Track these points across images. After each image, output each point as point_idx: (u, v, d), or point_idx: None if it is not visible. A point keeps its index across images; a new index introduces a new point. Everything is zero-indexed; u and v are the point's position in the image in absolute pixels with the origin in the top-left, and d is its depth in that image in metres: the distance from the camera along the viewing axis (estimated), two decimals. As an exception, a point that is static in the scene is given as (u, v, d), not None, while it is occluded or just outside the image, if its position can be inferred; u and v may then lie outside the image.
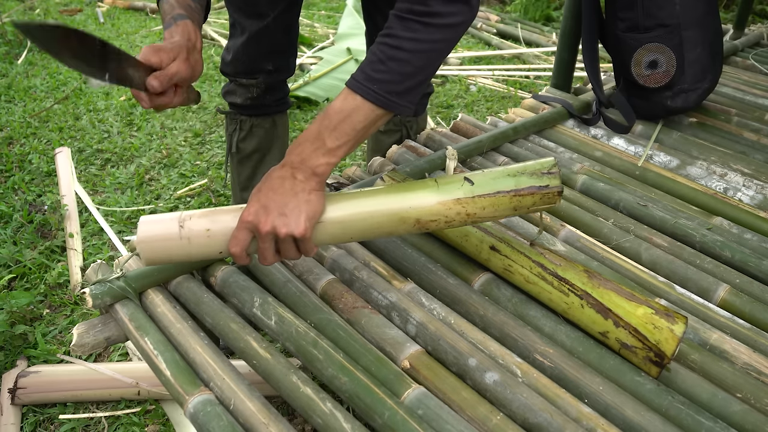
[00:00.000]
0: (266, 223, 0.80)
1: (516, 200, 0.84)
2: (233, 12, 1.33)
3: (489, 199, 0.84)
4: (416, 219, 0.84)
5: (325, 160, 0.83)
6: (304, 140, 0.84)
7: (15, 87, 2.58)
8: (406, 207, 0.84)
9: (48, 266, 1.54)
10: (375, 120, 0.84)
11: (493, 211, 0.85)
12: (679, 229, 1.16)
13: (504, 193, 0.84)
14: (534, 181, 0.84)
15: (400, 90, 0.82)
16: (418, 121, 1.56)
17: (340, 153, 0.83)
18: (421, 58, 0.83)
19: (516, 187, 0.84)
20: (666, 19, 1.45)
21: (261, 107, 1.43)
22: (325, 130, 0.83)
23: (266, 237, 0.81)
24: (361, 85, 0.82)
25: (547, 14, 4.06)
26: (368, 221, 0.84)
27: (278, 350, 0.87)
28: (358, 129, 0.83)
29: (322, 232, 0.85)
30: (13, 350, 1.27)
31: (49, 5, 3.76)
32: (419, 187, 0.86)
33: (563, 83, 1.81)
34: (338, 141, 0.83)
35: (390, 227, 0.85)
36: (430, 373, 0.82)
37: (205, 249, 0.84)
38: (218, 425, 0.75)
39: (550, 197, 0.85)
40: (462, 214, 0.84)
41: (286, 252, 0.83)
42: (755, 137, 1.57)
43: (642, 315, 0.84)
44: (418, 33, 0.81)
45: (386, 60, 0.82)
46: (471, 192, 0.84)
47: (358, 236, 0.86)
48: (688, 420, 0.77)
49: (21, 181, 1.89)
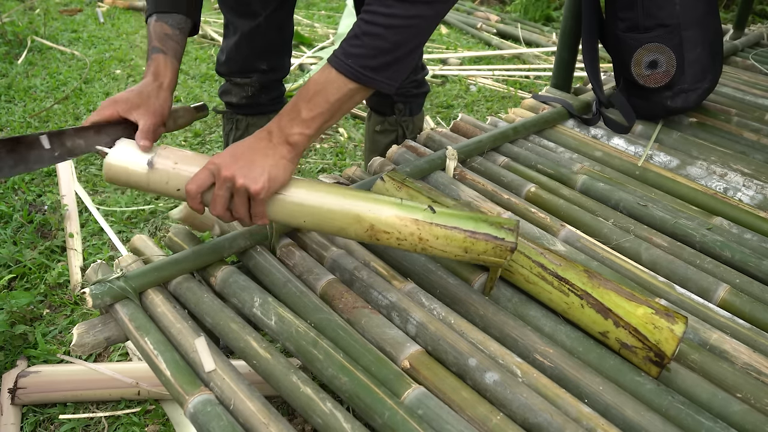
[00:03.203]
0: (228, 169, 0.83)
1: (469, 241, 0.85)
2: (226, 12, 1.34)
3: (444, 230, 0.86)
4: (371, 224, 0.86)
5: (298, 130, 0.86)
6: (283, 111, 0.87)
7: (15, 87, 2.58)
8: (365, 209, 0.86)
9: (48, 266, 1.54)
10: (350, 94, 0.86)
11: (444, 244, 0.86)
12: (679, 229, 1.16)
13: (460, 230, 0.85)
14: (492, 230, 0.86)
15: (374, 65, 0.84)
16: (414, 120, 1.56)
17: (314, 125, 0.86)
18: (396, 34, 0.84)
19: (473, 229, 0.86)
20: (666, 19, 1.45)
21: (256, 106, 1.43)
22: (301, 101, 0.86)
23: (223, 183, 0.83)
24: (337, 59, 0.85)
25: (547, 14, 4.06)
26: (325, 210, 0.87)
27: (278, 350, 0.87)
28: (331, 101, 0.85)
29: (278, 205, 0.87)
30: (13, 350, 1.27)
31: (49, 5, 3.76)
32: (383, 199, 0.88)
33: (563, 83, 1.81)
34: (312, 112, 0.85)
35: (343, 223, 0.87)
36: (430, 373, 0.82)
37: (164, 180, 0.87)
38: (218, 425, 0.75)
39: (501, 251, 0.86)
40: (415, 236, 0.86)
41: (237, 207, 0.85)
42: (755, 137, 1.57)
43: (642, 315, 0.84)
44: (393, 8, 0.82)
45: (361, 35, 0.84)
46: (430, 218, 0.86)
47: (311, 222, 0.88)
48: (688, 420, 0.77)
49: (21, 181, 1.89)
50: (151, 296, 0.96)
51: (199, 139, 2.24)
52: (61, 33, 3.30)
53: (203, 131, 2.29)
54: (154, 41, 0.98)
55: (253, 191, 0.83)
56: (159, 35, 0.98)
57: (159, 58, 0.97)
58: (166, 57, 0.97)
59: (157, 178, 0.87)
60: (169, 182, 0.87)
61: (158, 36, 0.98)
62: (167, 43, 0.98)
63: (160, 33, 0.98)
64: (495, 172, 1.34)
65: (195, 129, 2.29)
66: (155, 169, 0.87)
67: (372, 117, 1.60)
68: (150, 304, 0.95)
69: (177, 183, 0.87)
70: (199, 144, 2.21)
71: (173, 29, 0.99)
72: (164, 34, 0.98)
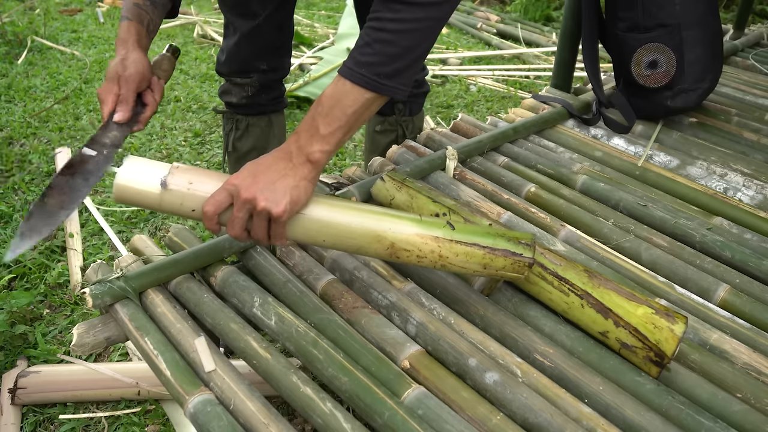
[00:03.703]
0: (249, 191, 0.80)
1: (488, 258, 0.85)
2: (226, 12, 1.34)
3: (464, 247, 0.85)
4: (391, 242, 0.85)
5: (319, 147, 0.83)
6: (300, 129, 0.85)
7: (15, 87, 2.58)
8: (385, 228, 0.85)
9: (48, 266, 1.54)
10: (367, 104, 0.84)
11: (464, 261, 0.86)
12: (679, 229, 1.16)
13: (480, 246, 0.85)
14: (510, 246, 0.86)
15: (388, 72, 0.83)
16: (414, 120, 1.56)
17: (334, 140, 0.84)
18: (407, 38, 0.83)
19: (492, 245, 0.86)
20: (666, 19, 1.45)
21: (256, 106, 1.43)
22: (318, 117, 0.84)
23: (243, 205, 0.81)
24: (349, 70, 0.83)
25: (547, 14, 4.06)
26: (345, 229, 0.85)
27: (278, 350, 0.87)
28: (348, 114, 0.83)
29: (298, 225, 0.85)
30: (13, 350, 1.27)
31: (49, 5, 3.76)
32: (403, 216, 0.87)
33: (563, 83, 1.81)
34: (330, 127, 0.83)
35: (364, 242, 0.86)
36: (430, 373, 0.82)
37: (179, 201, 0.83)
38: (218, 425, 0.75)
39: (520, 266, 0.86)
40: (435, 253, 0.86)
41: (257, 229, 0.83)
42: (755, 137, 1.57)
43: (642, 315, 0.84)
44: (401, 13, 0.81)
45: (372, 43, 0.83)
46: (450, 235, 0.86)
47: (331, 242, 0.87)
48: (688, 420, 0.77)
49: (21, 181, 1.89)
50: (151, 296, 0.96)
51: (199, 139, 2.24)
52: (61, 33, 3.30)
53: (203, 131, 2.29)
54: (123, 12, 0.98)
55: (275, 214, 0.80)
56: (128, 6, 0.99)
57: (123, 25, 0.97)
58: (130, 22, 0.97)
59: (171, 198, 0.83)
60: (183, 203, 0.83)
61: (127, 6, 0.98)
62: (133, 10, 0.98)
63: (129, 4, 0.99)
64: (495, 172, 1.34)
65: (195, 129, 2.29)
66: (169, 189, 0.82)
67: (372, 117, 1.60)
68: (150, 304, 0.95)
69: (192, 204, 0.83)
70: (199, 144, 2.21)
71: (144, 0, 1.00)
72: (133, 3, 0.99)
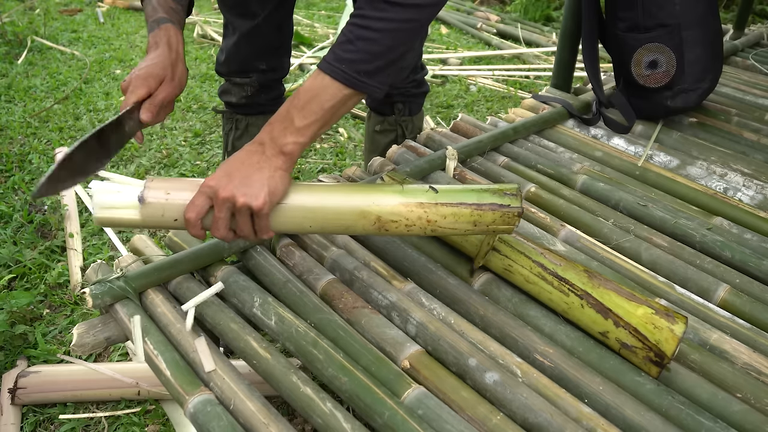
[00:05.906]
0: (226, 190, 0.80)
1: (476, 214, 0.85)
2: (225, 12, 1.34)
3: (450, 208, 0.85)
4: (377, 216, 0.85)
5: (292, 139, 0.83)
6: (275, 120, 0.85)
7: (15, 87, 2.58)
8: (369, 203, 0.85)
9: (48, 266, 1.54)
10: (344, 100, 0.84)
11: (453, 222, 0.86)
12: (679, 229, 1.16)
13: (466, 205, 0.85)
14: (496, 198, 0.86)
15: (369, 69, 0.83)
16: (414, 120, 1.56)
17: (309, 133, 0.84)
18: (390, 38, 0.83)
19: (478, 201, 0.85)
20: (666, 19, 1.45)
21: (256, 106, 1.43)
22: (294, 110, 0.84)
23: (223, 205, 0.80)
24: (329, 65, 0.83)
25: (547, 14, 4.06)
26: (329, 210, 0.85)
27: (278, 350, 0.87)
28: (326, 108, 0.83)
29: (281, 215, 0.85)
30: (13, 350, 1.27)
31: (49, 5, 3.76)
32: (385, 188, 0.87)
33: (563, 83, 1.81)
34: (306, 120, 0.83)
35: (350, 220, 0.85)
36: (430, 373, 0.82)
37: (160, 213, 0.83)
38: (218, 425, 0.75)
39: (509, 217, 0.86)
40: (423, 219, 0.85)
41: (241, 226, 0.83)
42: (755, 137, 1.57)
43: (642, 315, 0.84)
44: (386, 12, 0.81)
45: (355, 40, 0.82)
46: (434, 199, 0.86)
47: (317, 226, 0.87)
48: (688, 420, 0.77)
49: (21, 181, 1.89)
50: (151, 296, 0.96)
51: (199, 139, 2.24)
52: (61, 33, 3.30)
53: (203, 131, 2.29)
54: (160, 12, 0.96)
55: (255, 208, 0.80)
56: (165, 7, 0.97)
57: (170, 28, 0.95)
58: (177, 27, 0.96)
59: (151, 212, 0.82)
60: (164, 214, 0.83)
61: (164, 7, 0.97)
62: (173, 14, 0.97)
63: (165, 5, 0.97)
64: (495, 172, 1.34)
65: (195, 129, 2.29)
66: (147, 203, 0.82)
67: (372, 117, 1.60)
68: (150, 304, 0.95)
69: (173, 213, 0.83)
70: (199, 144, 2.21)
71: (176, 3, 0.99)
72: (170, 6, 0.98)
